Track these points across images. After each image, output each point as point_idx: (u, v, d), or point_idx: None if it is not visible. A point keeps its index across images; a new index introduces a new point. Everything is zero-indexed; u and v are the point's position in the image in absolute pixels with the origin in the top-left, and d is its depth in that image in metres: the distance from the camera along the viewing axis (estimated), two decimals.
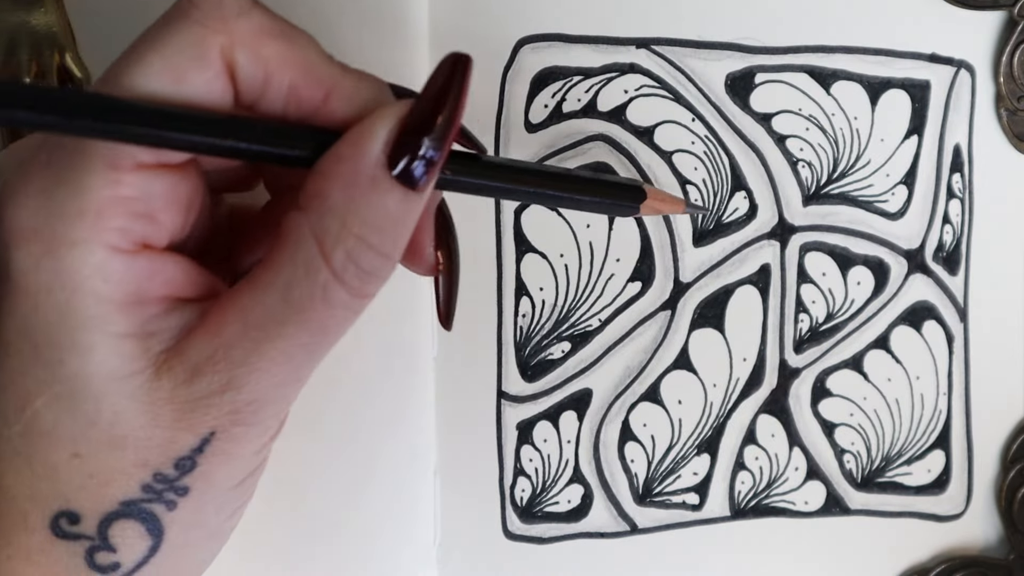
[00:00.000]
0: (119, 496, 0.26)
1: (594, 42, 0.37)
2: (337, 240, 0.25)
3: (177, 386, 0.26)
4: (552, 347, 0.38)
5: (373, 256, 0.26)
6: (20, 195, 0.25)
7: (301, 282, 0.26)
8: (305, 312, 0.26)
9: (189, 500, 0.27)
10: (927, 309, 0.40)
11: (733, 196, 0.39)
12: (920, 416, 0.40)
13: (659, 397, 0.39)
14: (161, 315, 0.26)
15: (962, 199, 0.40)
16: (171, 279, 0.26)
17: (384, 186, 0.26)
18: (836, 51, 0.38)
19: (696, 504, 0.40)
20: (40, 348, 0.25)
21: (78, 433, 0.25)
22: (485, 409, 0.38)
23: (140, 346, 0.25)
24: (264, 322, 0.26)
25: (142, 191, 0.25)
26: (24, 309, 0.25)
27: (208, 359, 0.26)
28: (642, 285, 0.38)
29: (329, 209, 0.25)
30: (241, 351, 0.26)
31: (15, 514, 0.26)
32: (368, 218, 0.26)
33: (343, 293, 0.26)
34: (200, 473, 0.26)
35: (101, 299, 0.25)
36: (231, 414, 0.26)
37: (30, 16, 0.34)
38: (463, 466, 0.38)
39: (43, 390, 0.25)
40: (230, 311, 0.26)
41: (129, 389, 0.25)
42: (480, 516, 0.38)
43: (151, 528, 0.26)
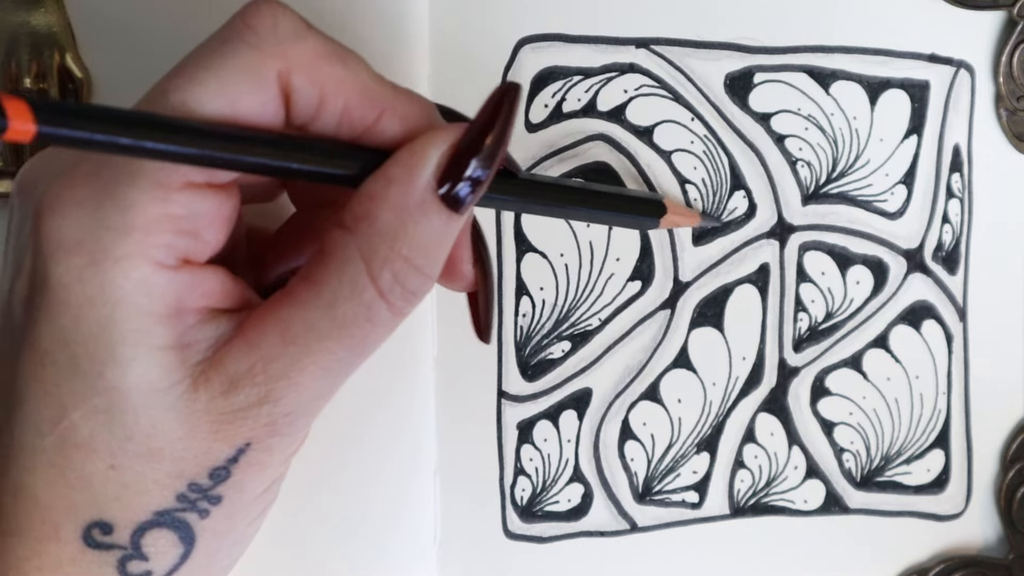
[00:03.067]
0: (153, 506, 0.26)
1: (594, 42, 0.37)
2: (385, 262, 0.26)
3: (214, 398, 0.26)
4: (552, 346, 0.38)
5: (418, 277, 0.26)
6: (65, 206, 0.25)
7: (347, 300, 0.26)
8: (348, 329, 0.26)
9: (221, 508, 0.27)
10: (926, 308, 0.40)
11: (732, 195, 0.39)
12: (919, 415, 0.40)
13: (659, 396, 0.39)
14: (198, 326, 0.26)
15: (961, 199, 0.40)
16: (209, 291, 0.26)
17: (432, 209, 0.26)
18: (835, 51, 0.38)
19: (696, 503, 0.40)
20: (79, 360, 0.25)
21: (115, 446, 0.25)
22: (485, 409, 0.38)
23: (178, 358, 0.26)
24: (305, 337, 0.26)
25: (189, 209, 0.25)
26: (63, 321, 0.25)
27: (247, 372, 0.26)
28: (642, 284, 0.39)
29: (378, 231, 0.26)
30: (280, 365, 0.26)
31: (48, 525, 0.26)
32: (416, 241, 0.26)
33: (386, 312, 0.26)
34: (233, 482, 0.27)
35: (143, 313, 0.25)
36: (267, 426, 0.26)
37: (30, 16, 0.34)
38: (463, 466, 0.38)
39: (80, 403, 0.25)
40: (269, 324, 0.26)
41: (167, 401, 0.26)
42: (480, 516, 0.38)
43: (184, 536, 0.27)
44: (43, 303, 0.25)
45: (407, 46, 0.36)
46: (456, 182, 0.26)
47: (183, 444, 0.26)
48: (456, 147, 0.26)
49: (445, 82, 0.37)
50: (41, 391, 0.26)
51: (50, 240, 0.25)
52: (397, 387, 0.37)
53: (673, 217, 0.35)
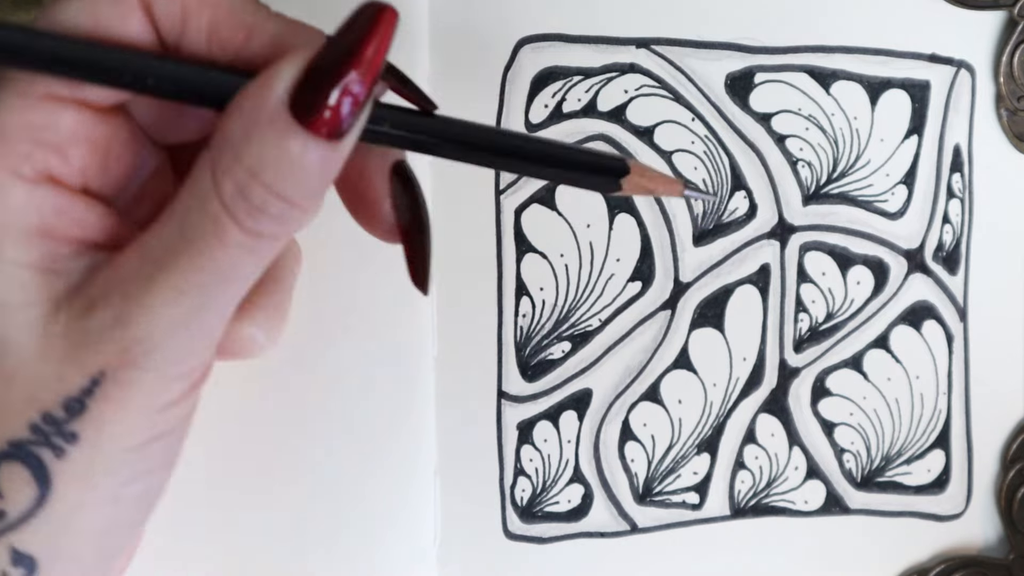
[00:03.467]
0: (7, 434, 0.25)
1: (594, 42, 0.37)
2: (227, 171, 0.25)
3: (71, 320, 0.25)
4: (552, 347, 0.38)
5: (269, 196, 0.25)
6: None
7: (194, 213, 0.25)
8: (197, 245, 0.25)
9: (79, 449, 0.25)
10: (927, 309, 0.40)
11: (733, 196, 0.39)
12: (920, 416, 0.40)
13: (659, 397, 0.39)
14: (70, 256, 0.25)
15: (962, 199, 0.40)
16: (83, 221, 0.26)
17: (283, 127, 0.25)
18: (836, 51, 0.38)
19: (696, 503, 0.40)
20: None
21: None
22: (485, 409, 0.38)
23: (40, 280, 0.25)
24: (159, 255, 0.25)
25: (51, 121, 0.25)
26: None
27: (103, 294, 0.25)
28: (642, 285, 0.39)
29: (225, 140, 0.25)
30: (134, 285, 0.25)
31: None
32: (264, 156, 0.25)
33: (234, 229, 0.25)
34: (90, 419, 0.25)
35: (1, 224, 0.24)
36: (120, 353, 0.25)
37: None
38: (463, 466, 0.38)
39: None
40: (132, 247, 0.25)
41: (23, 320, 0.25)
42: (480, 516, 0.38)
43: (38, 475, 0.25)
44: None
45: (407, 46, 0.36)
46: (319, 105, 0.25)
47: (35, 367, 0.25)
48: (311, 63, 0.25)
49: (445, 82, 0.37)
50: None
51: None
52: (397, 387, 0.37)
53: (640, 180, 0.29)
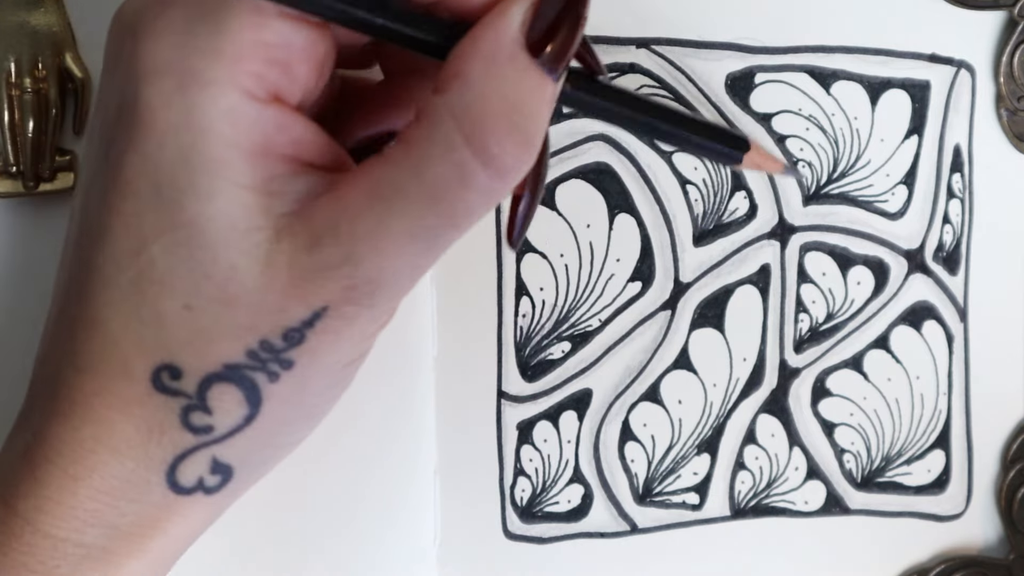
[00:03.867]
0: (223, 358, 0.25)
1: (594, 42, 0.37)
2: (478, 119, 0.25)
3: (297, 251, 0.25)
4: (552, 347, 0.38)
5: (514, 136, 0.25)
6: (159, 27, 0.25)
7: (437, 160, 0.25)
8: (437, 191, 0.25)
9: (292, 375, 0.26)
10: (927, 309, 0.40)
11: (733, 196, 0.39)
12: (920, 416, 0.40)
13: (659, 397, 0.39)
14: (287, 176, 0.25)
15: (962, 199, 0.40)
16: (299, 139, 0.25)
17: (522, 64, 0.25)
18: (836, 51, 0.38)
19: (696, 504, 0.40)
20: (161, 189, 0.24)
21: (191, 285, 0.25)
22: (485, 409, 0.38)
23: (263, 202, 0.25)
24: (393, 197, 0.25)
25: (283, 39, 0.25)
26: (147, 147, 0.24)
27: (331, 228, 0.25)
28: (642, 285, 0.39)
29: (468, 87, 0.25)
30: (365, 224, 0.25)
31: (118, 362, 0.26)
32: (509, 94, 0.25)
33: (482, 175, 0.25)
34: (307, 348, 0.26)
35: (228, 144, 0.24)
36: (347, 290, 0.25)
37: (30, 16, 0.34)
38: (463, 466, 0.38)
39: (160, 234, 0.25)
40: (360, 183, 0.25)
41: (247, 246, 0.25)
42: (480, 516, 0.38)
43: (250, 397, 0.26)
44: (130, 129, 0.25)
45: None
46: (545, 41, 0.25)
47: (259, 295, 0.25)
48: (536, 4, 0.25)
49: None
50: (122, 223, 0.25)
51: (142, 62, 0.24)
52: (397, 387, 0.37)
53: (756, 158, 0.33)
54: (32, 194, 0.34)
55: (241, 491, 0.28)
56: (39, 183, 0.34)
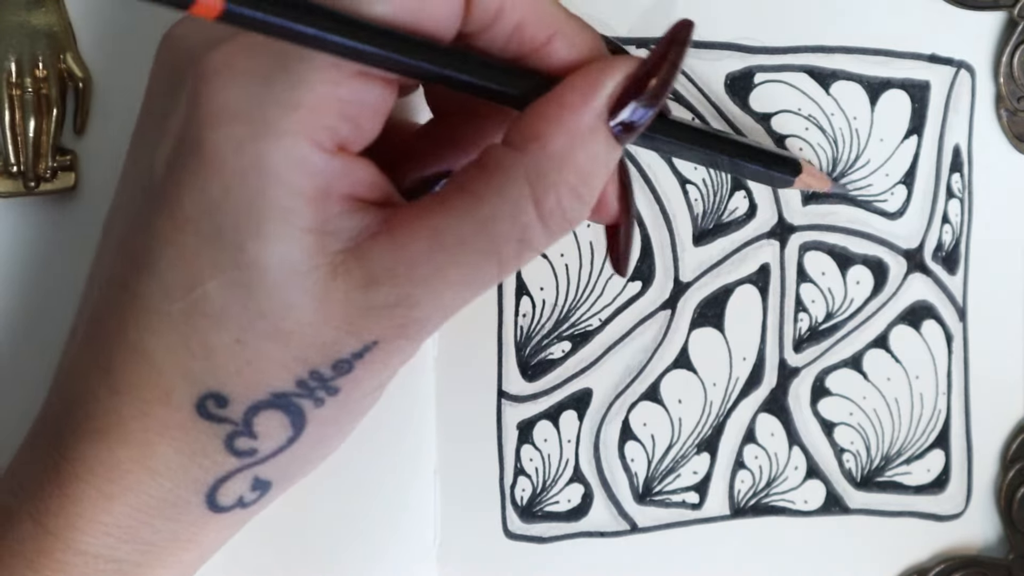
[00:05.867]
0: (272, 387, 0.26)
1: None
2: (552, 186, 0.26)
3: (352, 289, 0.25)
4: (552, 347, 0.38)
5: (579, 204, 0.26)
6: (234, 73, 0.25)
7: (505, 219, 0.26)
8: (499, 247, 0.26)
9: (336, 400, 0.27)
10: (926, 308, 0.40)
11: (733, 195, 0.39)
12: (919, 415, 0.40)
13: (659, 396, 0.39)
14: (343, 214, 0.25)
15: (961, 199, 0.40)
16: (357, 181, 0.26)
17: (601, 137, 0.26)
18: (836, 51, 0.38)
19: (696, 503, 0.40)
20: (223, 231, 0.25)
21: (245, 321, 0.25)
22: (485, 409, 0.38)
23: (320, 242, 0.25)
24: (455, 247, 0.26)
25: (357, 96, 0.25)
26: (213, 190, 0.25)
27: (388, 270, 0.26)
28: (642, 285, 0.39)
29: (549, 155, 0.26)
30: (425, 270, 0.26)
31: (159, 389, 0.26)
32: (583, 168, 0.26)
33: (542, 236, 0.26)
34: (353, 377, 0.26)
35: (295, 192, 0.25)
36: (399, 327, 0.26)
37: (30, 16, 0.34)
38: (463, 466, 0.38)
39: (217, 273, 0.25)
40: (419, 228, 0.26)
41: (305, 284, 0.25)
42: (480, 516, 0.38)
43: (295, 422, 0.26)
44: (192, 168, 0.25)
45: None
46: (627, 114, 0.26)
47: (313, 330, 0.25)
48: (630, 79, 0.27)
49: None
50: (177, 256, 0.25)
51: (212, 105, 0.25)
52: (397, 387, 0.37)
53: (807, 178, 0.35)
54: (32, 194, 0.34)
55: (274, 500, 0.29)
56: (39, 183, 0.34)
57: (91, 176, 0.35)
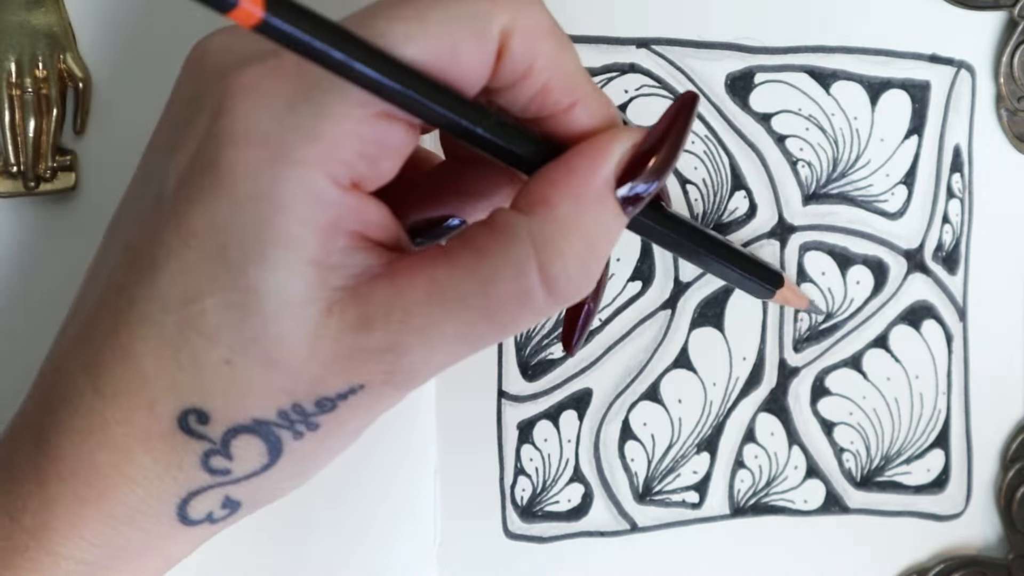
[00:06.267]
0: (254, 413, 0.26)
1: (594, 42, 0.37)
2: (557, 253, 0.26)
3: (344, 329, 0.25)
4: (552, 346, 0.38)
5: (584, 272, 0.26)
6: (261, 95, 0.25)
7: (507, 280, 0.26)
8: (499, 307, 0.26)
9: (315, 435, 0.27)
10: (926, 308, 0.40)
11: (733, 195, 0.39)
12: (919, 415, 0.40)
13: (659, 396, 0.39)
14: (348, 251, 0.25)
15: (962, 199, 0.40)
16: (367, 221, 0.26)
17: (609, 206, 0.26)
18: (836, 51, 0.38)
19: (696, 502, 0.40)
20: (228, 251, 0.25)
21: (237, 344, 0.25)
22: (485, 409, 0.38)
23: (321, 276, 0.25)
24: (453, 302, 0.26)
25: (379, 136, 0.25)
26: (223, 208, 0.25)
27: (384, 316, 0.25)
28: (642, 285, 0.39)
29: (555, 219, 0.26)
30: (420, 321, 0.26)
31: (144, 397, 0.26)
32: (589, 235, 0.26)
33: (543, 301, 0.26)
34: (335, 416, 0.26)
35: (303, 223, 0.25)
36: (386, 374, 0.26)
37: (30, 16, 0.34)
38: (463, 466, 0.38)
39: (216, 291, 0.25)
40: (420, 277, 0.26)
41: (300, 316, 0.25)
42: (480, 516, 0.38)
43: (272, 450, 0.27)
44: (205, 185, 0.25)
45: None
46: (634, 184, 0.27)
47: (301, 363, 0.25)
48: (637, 148, 0.27)
49: None
50: (179, 268, 0.25)
51: (233, 125, 0.25)
52: None
53: (787, 293, 0.36)
54: (32, 194, 0.34)
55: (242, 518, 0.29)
56: (39, 183, 0.34)
57: (91, 176, 0.35)
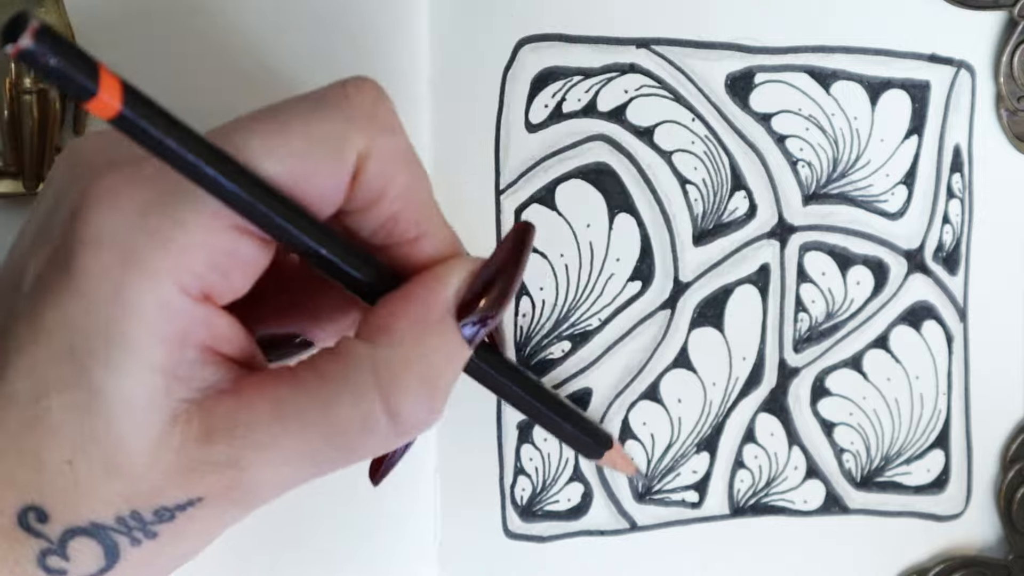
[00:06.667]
0: (92, 516, 0.26)
1: (594, 42, 0.37)
2: (398, 380, 0.26)
3: (187, 441, 0.26)
4: (552, 346, 0.38)
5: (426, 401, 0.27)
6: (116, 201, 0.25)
7: (346, 407, 0.26)
8: (339, 431, 0.26)
9: (153, 543, 0.27)
10: (926, 309, 0.40)
11: (733, 196, 0.39)
12: (919, 416, 0.40)
13: (659, 396, 0.39)
14: (197, 363, 0.26)
15: (962, 199, 0.40)
16: (217, 334, 0.26)
17: (449, 330, 0.27)
18: (836, 51, 0.38)
19: (695, 502, 0.40)
20: (75, 351, 0.25)
21: (79, 444, 0.25)
22: (485, 409, 0.38)
23: (167, 385, 0.25)
24: (295, 422, 0.26)
25: (231, 247, 0.25)
26: (73, 308, 0.25)
27: (227, 430, 0.26)
28: (642, 285, 0.39)
29: (396, 347, 0.26)
30: (261, 437, 0.26)
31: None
32: (431, 364, 0.26)
33: (384, 426, 0.26)
34: (174, 527, 0.27)
35: (150, 330, 0.25)
36: (227, 489, 0.26)
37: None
38: (463, 466, 0.38)
39: (62, 390, 0.25)
40: (265, 395, 0.26)
41: (143, 423, 0.25)
42: (480, 515, 0.38)
43: (109, 554, 0.26)
44: (58, 284, 0.25)
45: (407, 46, 0.36)
46: (471, 312, 0.27)
47: (142, 471, 0.26)
48: (475, 275, 0.27)
49: (445, 82, 0.37)
50: (29, 365, 0.25)
51: (88, 229, 0.25)
52: None
53: (614, 456, 0.37)
54: (32, 194, 0.34)
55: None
56: (39, 183, 0.34)
57: None
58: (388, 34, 0.36)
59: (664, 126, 0.38)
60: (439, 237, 0.28)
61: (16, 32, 0.20)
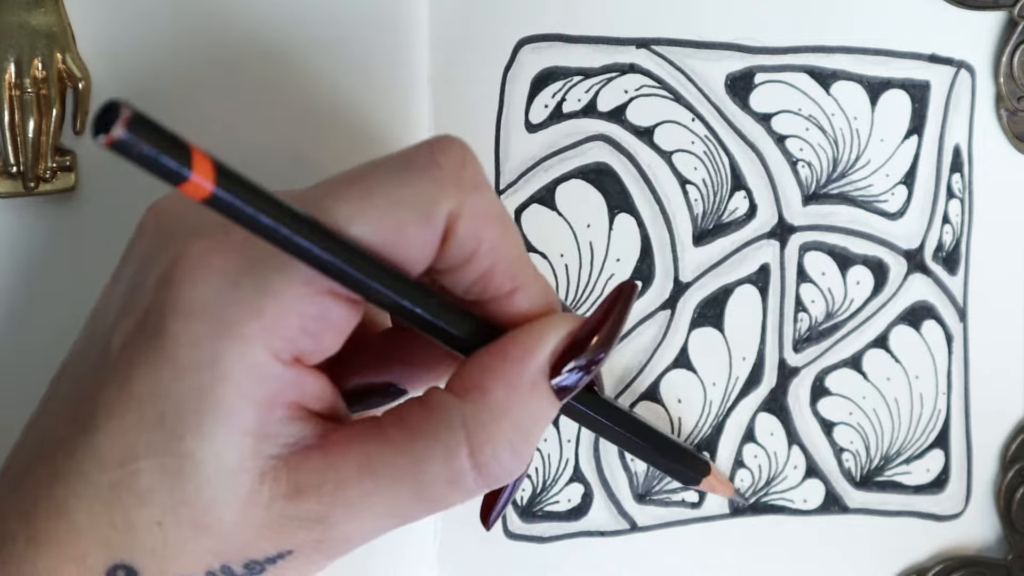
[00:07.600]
0: (182, 571, 0.26)
1: (594, 42, 0.37)
2: (488, 438, 0.26)
3: (276, 498, 0.26)
4: None
5: (514, 458, 0.27)
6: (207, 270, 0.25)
7: (437, 462, 0.26)
8: (429, 487, 0.27)
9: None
10: (926, 309, 0.40)
11: (733, 196, 0.39)
12: (919, 415, 0.40)
13: (659, 396, 0.39)
14: (284, 421, 0.26)
15: (962, 199, 0.40)
16: (306, 393, 0.26)
17: (542, 393, 0.27)
18: (836, 51, 0.38)
19: (695, 502, 0.40)
20: (166, 417, 0.25)
21: (169, 506, 0.26)
22: None
23: (256, 446, 0.26)
24: (384, 479, 0.26)
25: (322, 314, 0.26)
26: (164, 375, 0.25)
27: (315, 487, 0.26)
28: (642, 285, 0.39)
29: (487, 405, 0.26)
30: (350, 494, 0.26)
31: (76, 549, 0.26)
32: (522, 422, 0.27)
33: (473, 484, 0.27)
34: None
35: (242, 396, 0.25)
36: (316, 543, 0.27)
37: (30, 16, 0.34)
38: None
39: (151, 455, 0.25)
40: (353, 452, 0.27)
41: (233, 484, 0.26)
42: None
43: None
44: (149, 351, 0.26)
45: (407, 46, 0.36)
46: (567, 373, 0.27)
47: (232, 528, 0.26)
48: (572, 337, 0.27)
49: (445, 82, 0.37)
50: (118, 429, 0.26)
51: (180, 297, 0.25)
52: None
53: (712, 481, 0.37)
54: (32, 194, 0.34)
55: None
56: (39, 183, 0.34)
57: (91, 176, 0.35)
58: (388, 34, 0.36)
59: (664, 126, 0.38)
60: (533, 290, 0.28)
61: (109, 121, 0.20)
